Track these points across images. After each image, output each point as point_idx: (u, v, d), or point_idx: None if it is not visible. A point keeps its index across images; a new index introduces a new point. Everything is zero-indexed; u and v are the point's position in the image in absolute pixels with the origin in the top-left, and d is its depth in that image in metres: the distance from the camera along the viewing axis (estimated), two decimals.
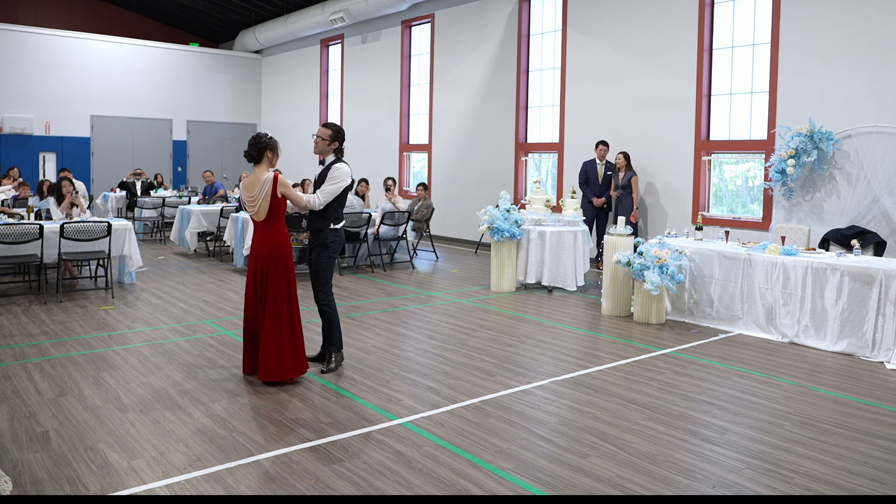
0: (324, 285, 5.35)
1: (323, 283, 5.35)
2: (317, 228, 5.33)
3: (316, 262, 5.34)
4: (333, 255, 5.35)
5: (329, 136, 5.32)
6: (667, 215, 10.16)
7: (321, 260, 5.32)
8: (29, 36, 17.04)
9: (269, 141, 5.07)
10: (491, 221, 8.70)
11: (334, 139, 5.34)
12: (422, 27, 15.03)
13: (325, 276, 5.35)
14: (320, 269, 5.33)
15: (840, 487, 3.59)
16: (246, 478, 3.58)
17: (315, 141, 5.36)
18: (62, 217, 8.77)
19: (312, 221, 5.33)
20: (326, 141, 5.32)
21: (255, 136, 5.05)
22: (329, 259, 5.33)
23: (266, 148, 5.03)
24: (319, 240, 5.32)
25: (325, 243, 5.30)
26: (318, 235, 5.32)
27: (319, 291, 5.36)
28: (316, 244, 5.35)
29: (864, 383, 5.35)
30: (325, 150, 5.35)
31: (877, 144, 7.74)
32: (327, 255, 5.32)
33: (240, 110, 20.42)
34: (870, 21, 8.13)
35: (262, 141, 5.03)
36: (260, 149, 5.02)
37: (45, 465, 3.67)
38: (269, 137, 5.09)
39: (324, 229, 5.29)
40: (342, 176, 5.23)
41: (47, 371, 5.28)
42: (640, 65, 10.55)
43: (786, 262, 6.57)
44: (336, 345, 5.44)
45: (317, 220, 5.32)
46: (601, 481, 3.61)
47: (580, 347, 6.29)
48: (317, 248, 5.34)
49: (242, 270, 10.09)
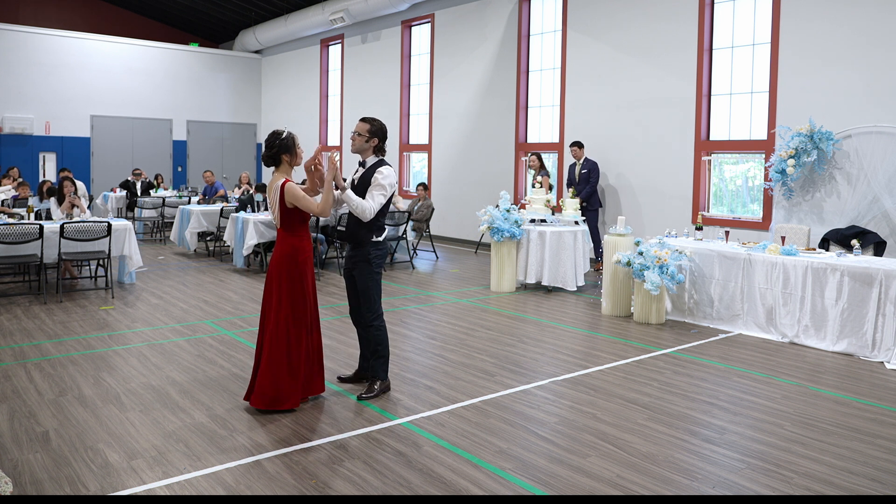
0: (372, 304, 4.74)
1: (371, 302, 4.74)
2: (357, 241, 4.72)
3: (360, 281, 4.74)
4: (378, 270, 4.77)
5: (367, 131, 4.69)
6: (667, 215, 10.16)
7: (365, 278, 4.72)
8: (29, 36, 17.04)
9: (284, 142, 4.54)
10: (491, 221, 8.70)
11: (373, 135, 4.70)
12: (422, 27, 15.03)
13: (373, 295, 4.74)
14: (365, 287, 4.73)
15: (840, 487, 3.59)
16: (246, 478, 3.57)
17: (352, 138, 4.73)
18: (62, 217, 8.77)
19: (351, 233, 4.74)
20: (364, 137, 4.69)
21: (269, 138, 4.57)
22: (373, 276, 4.73)
23: (282, 151, 4.55)
24: (361, 255, 4.71)
25: (368, 259, 4.70)
26: (359, 250, 4.72)
27: (367, 311, 4.76)
28: (357, 259, 4.73)
29: (864, 383, 5.35)
30: (364, 149, 4.72)
31: (877, 144, 7.74)
32: (371, 272, 4.72)
33: (240, 110, 20.42)
34: (870, 21, 8.13)
35: (276, 143, 4.55)
36: (275, 153, 4.56)
37: (45, 465, 3.67)
38: (283, 138, 4.55)
39: (364, 242, 4.69)
40: (390, 181, 4.62)
41: (47, 371, 5.28)
42: (640, 65, 10.55)
43: (786, 262, 6.57)
44: (381, 373, 4.84)
45: (356, 232, 4.70)
46: (601, 481, 3.61)
47: (580, 347, 6.29)
48: (359, 264, 4.73)
49: (242, 270, 10.10)
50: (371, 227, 4.69)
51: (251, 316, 7.27)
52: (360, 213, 4.59)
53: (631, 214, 10.52)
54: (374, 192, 4.60)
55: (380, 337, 4.80)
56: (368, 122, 4.73)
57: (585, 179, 10.54)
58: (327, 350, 5.99)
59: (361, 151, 4.75)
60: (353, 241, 4.75)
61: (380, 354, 4.82)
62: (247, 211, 10.37)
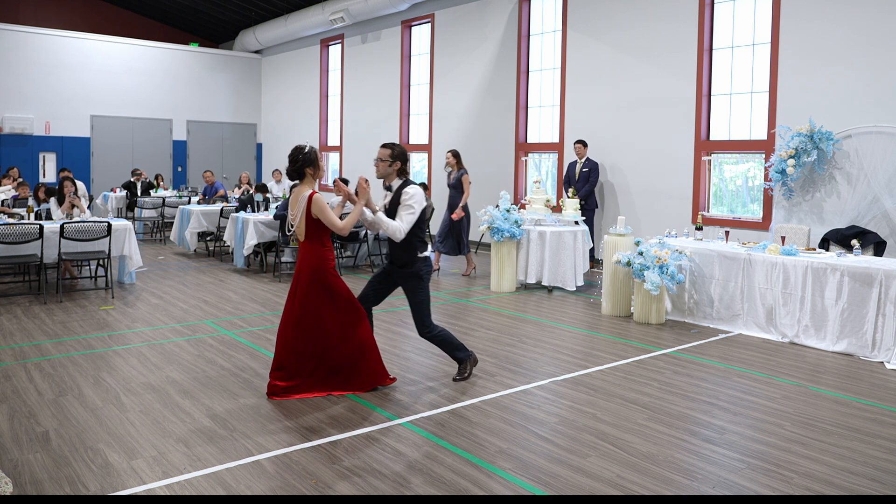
0: (425, 318, 5.00)
1: (423, 316, 4.99)
2: (403, 262, 4.97)
3: (412, 296, 4.97)
4: (427, 284, 5.02)
5: (388, 156, 4.93)
6: (667, 215, 10.16)
7: (417, 293, 4.96)
8: (29, 36, 17.03)
9: (307, 156, 4.70)
10: (491, 221, 8.70)
11: (396, 159, 4.94)
12: (422, 27, 15.03)
13: (425, 308, 4.99)
14: (418, 302, 4.97)
15: (840, 487, 3.59)
16: (246, 478, 3.58)
17: (376, 164, 4.97)
18: (62, 217, 8.77)
19: (398, 256, 4.98)
20: (387, 162, 4.93)
21: (293, 153, 4.72)
22: (425, 290, 4.99)
23: (306, 164, 4.70)
24: (412, 272, 4.95)
25: (419, 275, 4.95)
26: (408, 268, 4.96)
27: (423, 326, 5.01)
28: (408, 277, 4.96)
29: (864, 383, 5.35)
30: (388, 173, 4.96)
31: (877, 144, 7.74)
32: (422, 287, 4.97)
33: (240, 110, 20.41)
34: (870, 21, 8.13)
35: (300, 157, 4.69)
36: (299, 167, 4.70)
37: (45, 465, 3.67)
38: (307, 152, 4.71)
39: (411, 262, 4.94)
40: (417, 199, 4.85)
41: (47, 371, 5.28)
42: (640, 65, 10.55)
43: (786, 262, 6.57)
44: (464, 356, 5.20)
45: (402, 254, 4.96)
46: (601, 481, 3.61)
47: (580, 347, 6.28)
48: (410, 281, 4.96)
49: (242, 270, 10.10)
50: (415, 247, 4.95)
51: (251, 316, 7.27)
52: (392, 234, 4.84)
53: (631, 214, 10.52)
54: (402, 213, 4.86)
55: (444, 338, 5.12)
56: (389, 148, 4.97)
57: (585, 178, 10.58)
58: None
59: (386, 176, 4.99)
60: (400, 262, 5.01)
61: (455, 347, 5.17)
62: (247, 211, 10.38)
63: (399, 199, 4.89)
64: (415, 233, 4.91)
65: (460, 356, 5.21)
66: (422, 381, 5.21)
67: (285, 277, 9.55)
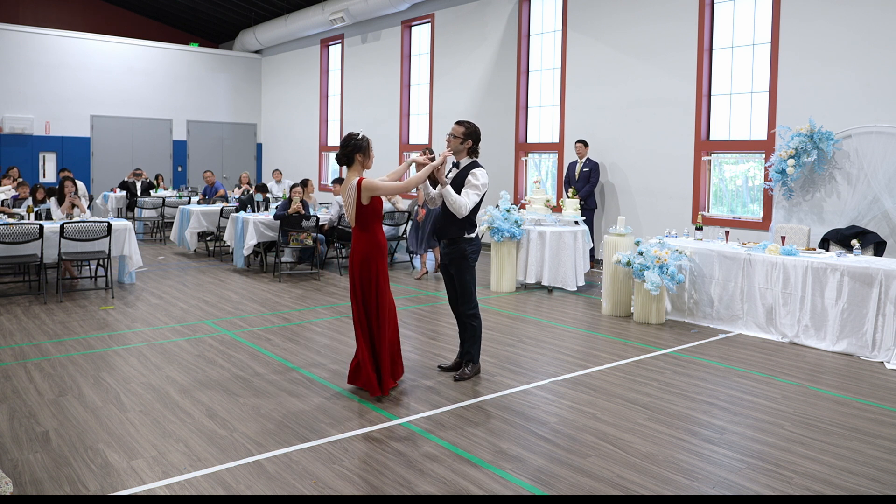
0: (469, 298, 5.08)
1: (469, 295, 5.08)
2: (451, 238, 5.01)
3: (458, 275, 5.05)
4: (474, 264, 5.08)
5: (462, 133, 5.01)
6: (667, 215, 10.16)
7: (463, 272, 5.03)
8: (29, 36, 17.03)
9: (360, 142, 4.75)
10: (491, 221, 8.70)
11: (468, 137, 5.03)
12: (422, 27, 15.03)
13: (470, 288, 5.07)
14: (463, 281, 5.04)
15: (840, 487, 3.59)
16: (246, 478, 3.58)
17: (448, 140, 5.05)
18: (62, 217, 8.77)
19: (446, 230, 5.03)
20: (459, 139, 5.02)
21: (346, 138, 4.77)
22: (471, 270, 5.05)
23: (356, 150, 4.73)
24: (457, 251, 5.01)
25: (465, 255, 5.01)
26: (455, 246, 5.02)
27: (464, 305, 5.09)
28: (454, 256, 5.03)
29: (864, 383, 5.35)
30: (459, 150, 5.05)
31: (877, 144, 7.74)
32: (468, 266, 5.04)
33: (240, 110, 20.41)
34: (870, 21, 8.13)
35: (351, 143, 4.74)
36: (349, 152, 4.74)
37: (45, 465, 3.67)
38: (360, 138, 4.76)
39: (459, 239, 5.00)
40: (483, 182, 4.94)
41: (47, 371, 5.28)
42: (640, 65, 10.55)
43: (786, 262, 6.57)
44: (475, 357, 5.26)
45: (451, 229, 4.99)
46: (601, 481, 3.61)
47: (580, 347, 6.28)
48: (455, 261, 5.03)
49: (242, 270, 10.10)
50: (463, 225, 4.99)
51: (251, 316, 7.27)
52: (455, 209, 4.87)
53: (631, 214, 10.52)
54: (468, 190, 4.91)
55: (476, 328, 5.18)
56: (463, 126, 5.06)
57: (586, 178, 10.59)
58: (327, 350, 6.00)
59: (457, 153, 5.08)
60: (448, 237, 5.06)
61: (476, 339, 5.23)
62: (247, 211, 10.37)
63: (466, 177, 4.96)
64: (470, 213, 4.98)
65: (472, 352, 5.24)
66: (422, 381, 5.21)
67: (285, 277, 9.55)
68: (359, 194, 4.67)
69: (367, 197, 4.67)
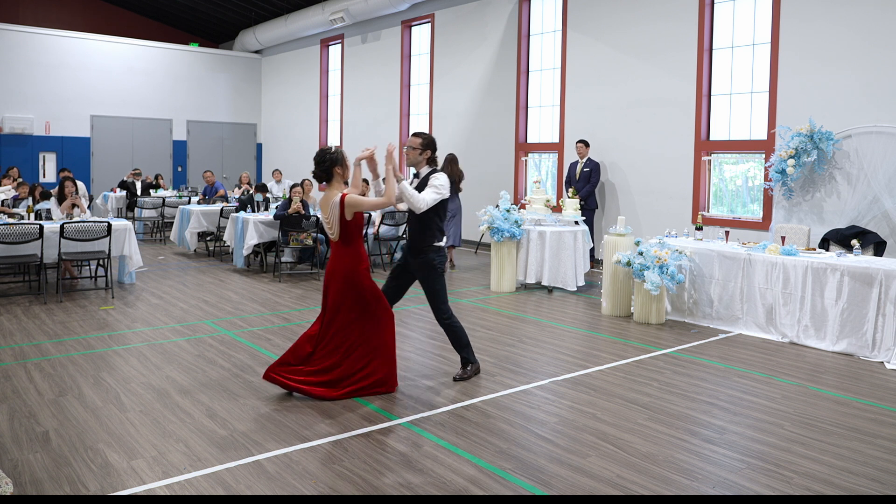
0: (442, 305, 5.09)
1: (441, 303, 5.09)
2: (418, 248, 5.04)
3: (428, 286, 5.06)
4: (442, 272, 5.10)
5: (420, 144, 5.05)
6: (667, 215, 10.16)
7: (432, 282, 5.05)
8: (29, 36, 17.03)
9: (334, 156, 4.71)
10: (491, 221, 8.70)
11: (426, 147, 5.07)
12: (422, 27, 15.03)
13: (442, 296, 5.09)
14: (433, 291, 5.06)
15: (840, 487, 3.59)
16: (246, 478, 3.58)
17: (406, 152, 5.10)
18: (62, 217, 8.77)
19: (415, 239, 5.07)
20: (417, 150, 5.05)
21: (320, 154, 4.74)
22: (440, 278, 5.07)
23: (334, 164, 4.70)
24: (425, 261, 5.03)
25: (433, 265, 5.03)
26: (424, 257, 5.03)
27: (439, 312, 5.11)
28: (422, 266, 5.04)
29: (864, 383, 5.35)
30: (418, 161, 5.08)
31: (877, 144, 7.74)
32: (437, 275, 5.05)
33: (240, 110, 20.41)
34: (870, 21, 8.13)
35: (327, 158, 4.70)
36: (327, 168, 4.70)
37: (45, 465, 3.67)
38: (334, 151, 4.73)
39: (426, 249, 5.02)
40: (445, 185, 4.94)
41: (47, 371, 5.28)
42: (640, 65, 10.55)
43: (786, 262, 6.57)
44: (471, 358, 5.26)
45: (418, 239, 5.04)
46: (601, 481, 3.61)
47: (580, 347, 6.28)
48: (424, 270, 5.05)
49: (242, 270, 10.10)
50: (430, 234, 5.02)
51: (251, 316, 7.27)
52: (415, 205, 4.88)
53: (631, 214, 10.52)
54: (429, 189, 4.95)
55: (457, 331, 5.19)
56: (420, 137, 5.10)
57: (586, 178, 10.58)
58: None
59: (416, 164, 5.13)
60: (415, 248, 5.07)
61: (462, 344, 5.22)
62: (247, 211, 10.38)
63: (426, 182, 4.99)
64: (434, 219, 5.00)
65: (465, 355, 5.25)
66: (422, 381, 5.21)
67: (285, 277, 9.56)
68: (342, 210, 4.61)
69: (350, 213, 4.63)
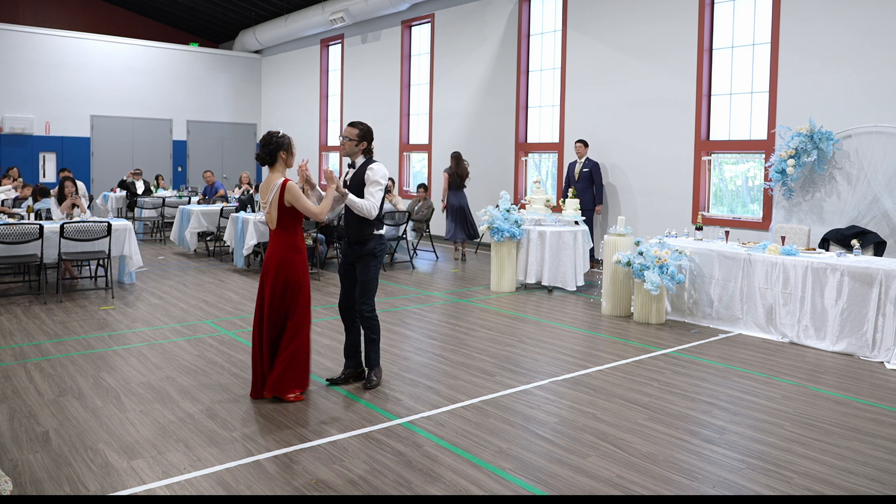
0: (370, 296, 4.97)
1: (370, 293, 4.97)
2: (359, 239, 4.94)
3: (363, 273, 4.94)
4: (381, 262, 5.06)
5: (356, 135, 4.95)
6: (667, 215, 10.16)
7: (369, 270, 4.94)
8: (29, 36, 17.03)
9: (281, 140, 4.68)
10: (491, 221, 8.70)
11: (362, 138, 4.97)
12: (422, 27, 15.03)
13: (373, 286, 4.97)
14: (368, 279, 4.94)
15: (840, 487, 3.59)
16: (246, 478, 3.58)
17: (342, 142, 4.99)
18: (62, 217, 8.77)
19: (353, 232, 4.95)
20: (354, 141, 4.95)
21: (266, 137, 4.70)
22: (377, 268, 5.00)
23: (279, 148, 4.66)
24: (366, 250, 4.93)
25: (374, 253, 4.94)
26: (363, 245, 4.93)
27: (364, 303, 4.95)
28: (362, 254, 4.94)
29: (864, 383, 5.35)
30: (354, 152, 4.98)
31: (877, 144, 7.74)
32: (376, 264, 4.98)
33: (240, 110, 20.41)
34: (870, 21, 8.13)
35: (273, 141, 4.66)
36: (272, 150, 4.66)
37: (45, 465, 3.67)
38: (281, 136, 4.70)
39: (367, 238, 4.92)
40: (381, 174, 4.88)
41: (47, 371, 5.28)
42: (640, 65, 10.55)
43: (786, 262, 6.57)
44: (375, 359, 5.09)
45: (357, 230, 4.93)
46: (601, 481, 3.61)
47: (580, 347, 6.28)
48: (364, 259, 4.94)
49: (242, 270, 10.10)
50: (373, 223, 4.94)
51: (251, 316, 7.26)
52: (366, 214, 4.83)
53: (631, 214, 10.52)
54: (371, 189, 4.86)
55: (374, 325, 5.03)
56: (357, 127, 5.00)
57: (586, 178, 10.58)
58: (327, 350, 6.00)
59: (352, 154, 5.02)
60: (355, 239, 4.97)
61: (373, 339, 5.05)
62: (247, 211, 10.37)
63: (363, 176, 4.88)
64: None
65: (373, 360, 5.07)
66: (422, 381, 5.21)
67: None
68: (282, 194, 4.56)
69: (288, 201, 4.57)
